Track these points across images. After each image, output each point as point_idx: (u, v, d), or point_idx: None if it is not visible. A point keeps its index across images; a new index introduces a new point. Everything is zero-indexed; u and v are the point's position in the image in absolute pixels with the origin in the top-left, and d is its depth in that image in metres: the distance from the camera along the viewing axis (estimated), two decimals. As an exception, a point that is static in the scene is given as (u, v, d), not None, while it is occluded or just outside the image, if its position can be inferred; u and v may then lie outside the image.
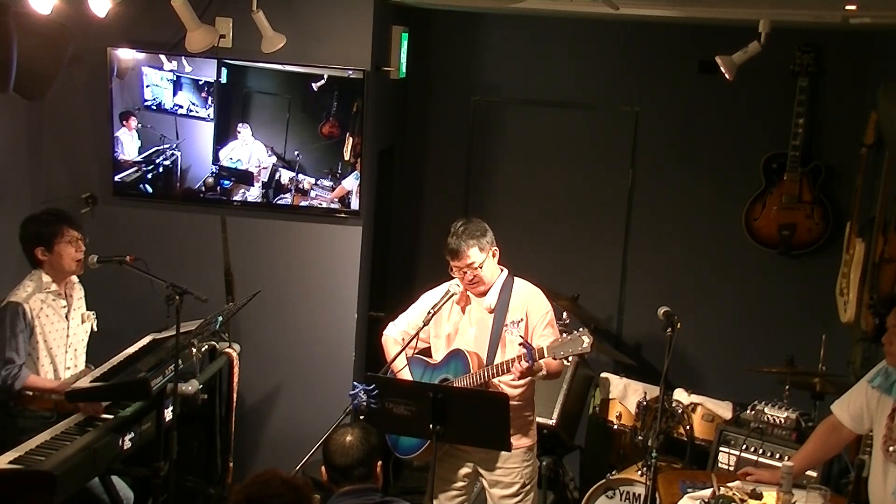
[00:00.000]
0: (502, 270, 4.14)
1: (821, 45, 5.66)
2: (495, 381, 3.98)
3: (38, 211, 4.52)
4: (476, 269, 4.00)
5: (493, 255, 4.06)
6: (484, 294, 4.10)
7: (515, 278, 4.14)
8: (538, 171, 6.19)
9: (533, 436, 4.17)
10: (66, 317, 4.30)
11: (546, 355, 3.82)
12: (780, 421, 4.51)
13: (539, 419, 4.49)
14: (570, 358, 5.17)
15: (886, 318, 3.57)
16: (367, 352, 5.53)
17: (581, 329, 3.83)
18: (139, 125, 5.18)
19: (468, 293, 4.14)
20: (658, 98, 6.02)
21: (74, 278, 4.39)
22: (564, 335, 3.88)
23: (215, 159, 5.20)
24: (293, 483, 2.71)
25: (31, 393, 4.10)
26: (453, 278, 4.15)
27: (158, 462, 4.07)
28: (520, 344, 3.87)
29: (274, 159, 5.18)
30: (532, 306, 4.07)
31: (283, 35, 4.83)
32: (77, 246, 4.26)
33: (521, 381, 4.01)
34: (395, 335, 4.22)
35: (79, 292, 4.43)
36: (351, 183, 5.17)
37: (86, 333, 4.44)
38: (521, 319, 4.05)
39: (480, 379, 3.95)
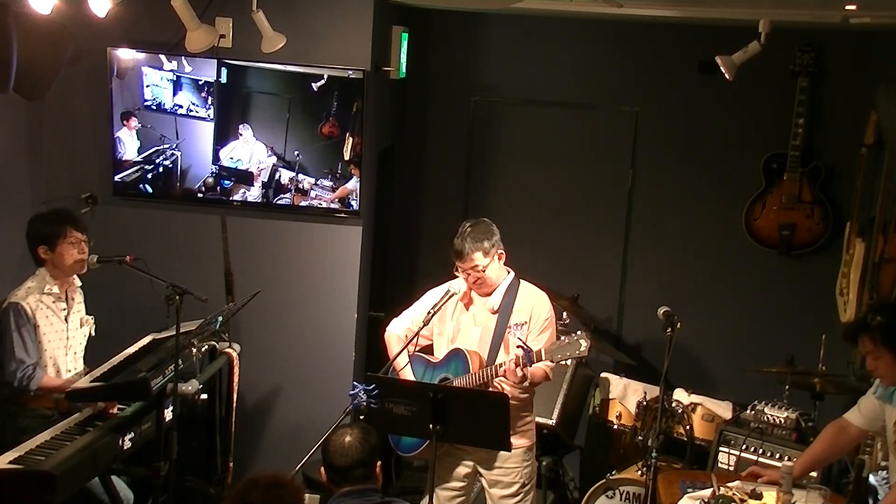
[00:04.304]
0: (509, 272, 4.14)
1: (821, 45, 5.66)
2: (496, 381, 3.98)
3: (46, 210, 4.52)
4: (480, 271, 4.00)
5: (499, 258, 4.06)
6: (489, 294, 4.10)
7: (521, 281, 4.14)
8: (538, 171, 6.19)
9: (532, 436, 4.17)
10: (66, 319, 4.30)
11: (544, 358, 3.82)
12: (780, 421, 4.51)
13: (539, 419, 4.50)
14: (569, 360, 5.23)
15: (858, 346, 3.60)
16: (367, 352, 5.53)
17: (579, 332, 3.83)
18: (139, 125, 5.18)
19: (472, 292, 4.14)
20: (658, 98, 6.02)
21: (77, 281, 4.39)
22: (563, 338, 3.88)
23: (215, 159, 5.20)
24: (274, 484, 2.69)
25: (32, 393, 4.11)
26: (454, 278, 4.15)
27: (158, 462, 4.07)
28: (518, 346, 3.87)
29: (274, 159, 5.18)
30: (536, 309, 4.08)
31: (283, 35, 4.83)
32: (80, 248, 4.25)
33: (525, 385, 4.00)
34: (398, 332, 4.22)
35: (79, 296, 4.43)
36: (352, 184, 5.17)
37: (84, 337, 4.44)
38: (525, 322, 4.05)
39: (480, 379, 3.95)
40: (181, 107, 5.16)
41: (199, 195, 5.25)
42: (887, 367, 3.51)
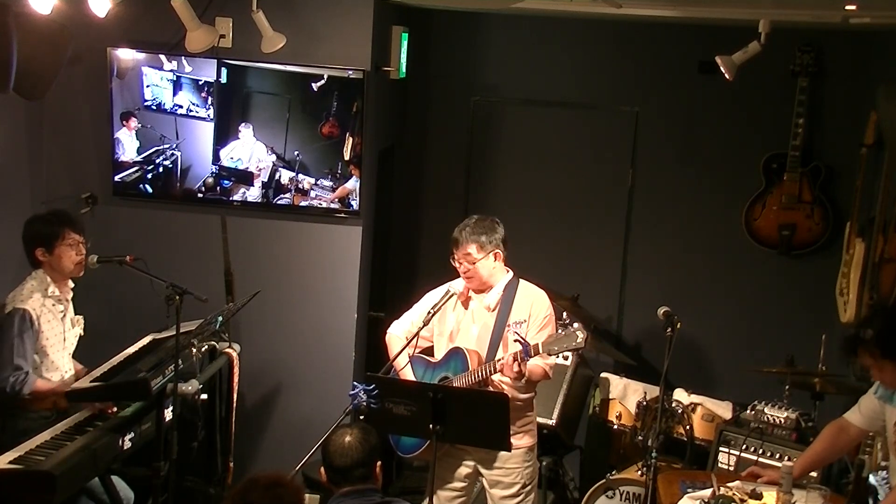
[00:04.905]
0: (508, 271, 4.14)
1: (821, 45, 5.66)
2: (495, 378, 3.98)
3: (43, 211, 4.51)
4: (471, 262, 4.00)
5: (496, 258, 4.06)
6: (481, 291, 4.10)
7: (521, 280, 4.15)
8: (538, 171, 6.19)
9: (533, 436, 4.17)
10: (62, 320, 4.30)
11: (542, 351, 3.82)
12: (780, 421, 4.51)
13: (539, 419, 4.49)
14: (570, 358, 5.24)
15: (859, 360, 3.59)
16: (367, 352, 5.53)
17: (576, 325, 3.84)
18: (139, 125, 5.18)
19: (471, 292, 4.14)
20: (658, 98, 6.02)
21: (70, 282, 4.38)
22: (559, 331, 3.89)
23: (216, 159, 5.20)
24: (274, 484, 2.70)
25: (29, 395, 4.10)
26: (454, 278, 4.15)
27: (158, 462, 4.07)
28: (515, 340, 3.88)
29: (273, 158, 5.18)
30: (535, 307, 4.08)
31: (283, 35, 4.83)
32: (78, 249, 4.25)
33: (521, 383, 4.00)
34: (398, 333, 4.23)
35: (70, 295, 4.42)
36: (352, 184, 5.18)
37: (75, 338, 4.43)
38: (525, 321, 4.05)
39: (479, 376, 3.95)
40: (181, 107, 5.16)
41: (199, 195, 5.25)
42: (893, 376, 3.51)
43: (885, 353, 3.45)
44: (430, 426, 3.67)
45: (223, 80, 5.11)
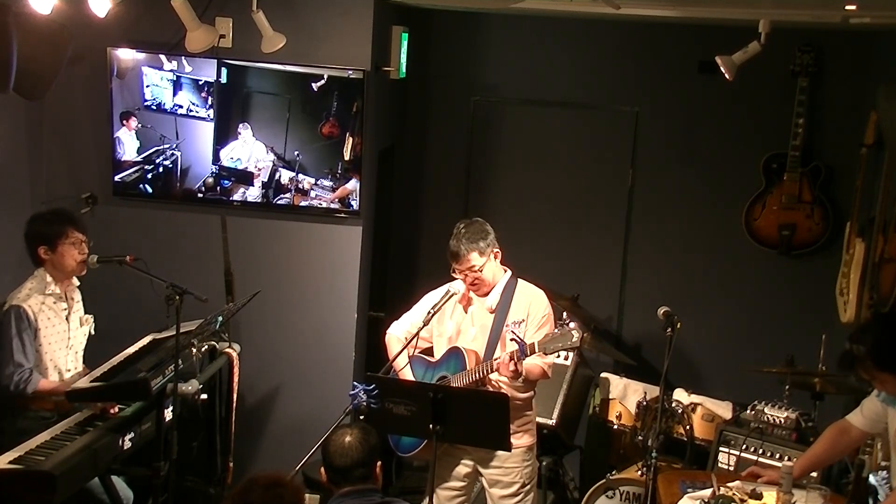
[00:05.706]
0: (506, 271, 4.14)
1: (821, 45, 5.66)
2: (493, 378, 3.99)
3: (45, 210, 4.52)
4: (476, 271, 4.01)
5: (495, 258, 4.07)
6: (486, 294, 4.11)
7: (519, 280, 4.15)
8: (538, 171, 6.19)
9: (533, 436, 4.18)
10: (67, 319, 4.30)
11: (537, 350, 3.83)
12: (780, 421, 4.51)
13: (539, 419, 4.50)
14: (570, 358, 5.24)
15: (858, 375, 3.60)
16: (367, 352, 5.53)
17: (571, 324, 3.84)
18: (139, 125, 5.18)
19: (470, 293, 4.14)
20: (658, 98, 6.02)
21: (75, 281, 4.39)
22: (555, 330, 3.90)
23: (216, 159, 5.20)
24: (274, 484, 2.70)
25: (30, 395, 4.10)
26: (454, 278, 4.15)
27: (158, 462, 4.07)
28: (511, 339, 3.88)
29: (273, 158, 5.18)
30: (533, 307, 4.08)
31: (283, 35, 4.83)
32: (80, 248, 4.26)
33: (519, 382, 4.01)
34: (398, 334, 4.23)
35: (77, 295, 4.43)
36: (352, 184, 5.18)
37: (84, 336, 4.44)
38: (523, 320, 4.06)
39: (476, 375, 3.96)
40: (181, 107, 5.16)
41: (199, 195, 5.25)
42: (894, 386, 3.51)
43: (881, 367, 3.45)
44: (430, 426, 3.67)
45: (223, 80, 5.11)
